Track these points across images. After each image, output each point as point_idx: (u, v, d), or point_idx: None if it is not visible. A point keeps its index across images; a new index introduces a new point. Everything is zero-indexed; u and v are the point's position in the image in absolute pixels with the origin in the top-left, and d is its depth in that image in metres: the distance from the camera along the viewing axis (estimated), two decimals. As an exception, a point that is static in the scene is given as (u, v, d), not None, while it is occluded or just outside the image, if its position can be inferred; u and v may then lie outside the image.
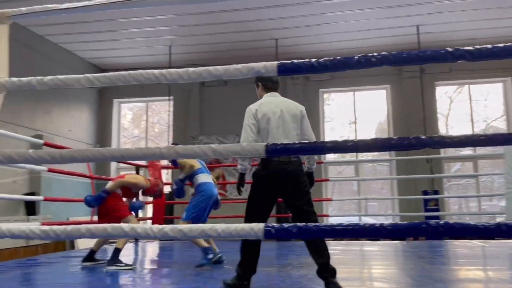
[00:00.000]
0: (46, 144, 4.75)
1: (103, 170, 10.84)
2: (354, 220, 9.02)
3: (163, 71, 1.70)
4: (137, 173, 7.20)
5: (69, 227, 1.65)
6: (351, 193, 12.11)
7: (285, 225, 1.56)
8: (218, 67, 1.67)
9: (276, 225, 1.57)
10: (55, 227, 1.65)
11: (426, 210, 9.06)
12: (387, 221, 10.05)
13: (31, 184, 8.70)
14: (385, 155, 10.39)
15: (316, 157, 3.31)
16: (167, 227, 1.62)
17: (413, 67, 10.16)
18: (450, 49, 1.51)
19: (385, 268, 4.00)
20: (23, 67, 7.72)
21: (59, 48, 10.00)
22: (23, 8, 1.78)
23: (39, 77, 1.73)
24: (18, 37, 8.17)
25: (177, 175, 4.57)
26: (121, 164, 11.31)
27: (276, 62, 1.64)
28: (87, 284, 3.37)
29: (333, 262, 2.77)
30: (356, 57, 1.57)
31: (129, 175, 4.55)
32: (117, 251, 4.06)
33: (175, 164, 4.50)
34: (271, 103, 3.07)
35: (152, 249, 6.25)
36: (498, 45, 1.49)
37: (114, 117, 11.97)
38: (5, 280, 3.60)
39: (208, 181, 4.32)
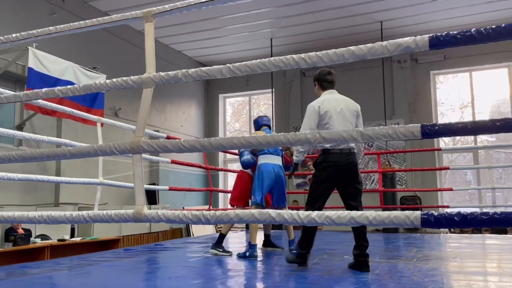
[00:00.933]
0: (168, 138, 5.09)
1: (212, 162, 11.40)
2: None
3: (302, 55, 1.67)
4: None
5: (217, 212, 1.71)
6: (464, 183, 11.12)
7: (445, 213, 1.44)
8: (361, 46, 1.59)
9: (434, 213, 1.45)
10: (205, 212, 1.73)
11: None
12: None
13: (151, 176, 9.48)
14: (508, 140, 9.34)
15: (362, 150, 3.49)
16: (313, 214, 1.60)
17: (542, 39, 8.96)
18: None
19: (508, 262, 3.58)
20: (142, 68, 8.39)
21: (169, 49, 10.69)
22: (166, 6, 1.88)
23: (184, 70, 1.81)
24: (135, 42, 8.89)
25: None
26: (228, 156, 11.78)
27: (427, 36, 1.51)
28: (209, 267, 3.53)
29: (465, 256, 2.54)
30: (527, 22, 1.37)
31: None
32: (221, 237, 4.20)
33: None
34: (332, 100, 3.30)
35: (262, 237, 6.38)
36: None
37: (220, 112, 12.51)
38: (139, 263, 3.95)
39: (267, 162, 4.17)
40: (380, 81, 10.05)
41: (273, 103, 11.45)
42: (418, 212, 1.46)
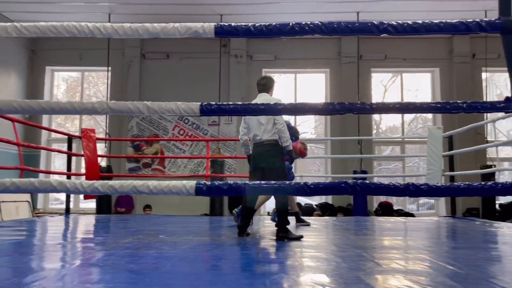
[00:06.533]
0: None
1: (32, 141, 10.25)
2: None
3: (98, 24, 1.67)
4: (70, 144, 6.87)
5: (-8, 181, 1.60)
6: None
7: (216, 183, 1.63)
8: (156, 24, 1.67)
9: (207, 183, 1.63)
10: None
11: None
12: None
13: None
14: (321, 136, 10.79)
15: (287, 137, 3.82)
16: (97, 183, 1.62)
17: (352, 52, 10.56)
18: (376, 23, 1.63)
19: (315, 238, 4.23)
20: None
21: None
22: None
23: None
24: None
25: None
26: (53, 135, 10.81)
27: (213, 24, 1.67)
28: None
29: (265, 234, 2.89)
30: (290, 24, 1.64)
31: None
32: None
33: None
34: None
35: (87, 221, 6.09)
36: (418, 21, 1.62)
37: (46, 87, 11.27)
38: None
39: None
40: (217, 73, 10.48)
41: (109, 83, 10.89)
42: (194, 182, 1.62)
